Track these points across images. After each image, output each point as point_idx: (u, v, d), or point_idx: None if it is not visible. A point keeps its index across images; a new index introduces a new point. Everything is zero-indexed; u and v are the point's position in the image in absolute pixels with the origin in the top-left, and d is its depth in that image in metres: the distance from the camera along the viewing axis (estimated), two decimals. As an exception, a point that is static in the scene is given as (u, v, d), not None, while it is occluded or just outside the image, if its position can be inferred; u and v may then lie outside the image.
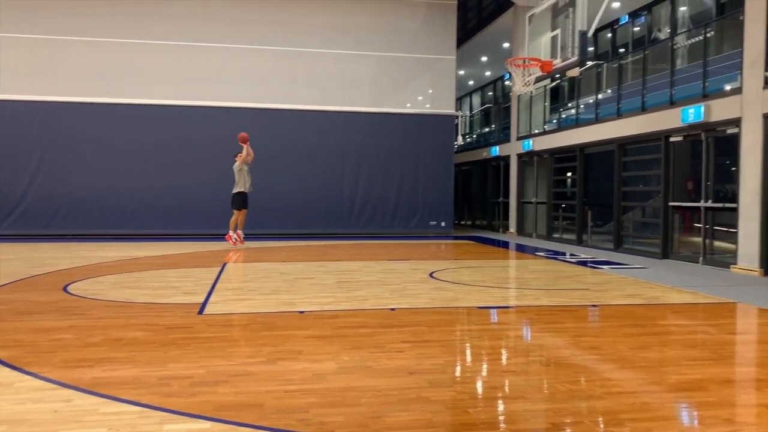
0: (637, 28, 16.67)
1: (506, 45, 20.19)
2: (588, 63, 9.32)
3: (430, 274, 9.27)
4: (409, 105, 17.97)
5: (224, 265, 10.32)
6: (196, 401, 3.55)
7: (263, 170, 16.92)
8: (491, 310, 6.59)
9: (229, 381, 3.94)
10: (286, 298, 7.09)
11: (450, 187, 18.03)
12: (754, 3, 9.56)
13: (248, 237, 13.86)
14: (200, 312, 6.23)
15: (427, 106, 18.11)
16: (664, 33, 15.33)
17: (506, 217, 19.10)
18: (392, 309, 6.47)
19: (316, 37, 17.25)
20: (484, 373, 4.31)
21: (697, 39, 11.66)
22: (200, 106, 16.64)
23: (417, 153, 17.67)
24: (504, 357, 4.77)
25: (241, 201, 12.99)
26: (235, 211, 13.06)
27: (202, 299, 6.94)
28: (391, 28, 17.70)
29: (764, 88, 9.31)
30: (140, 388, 3.78)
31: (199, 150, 16.58)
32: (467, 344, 5.17)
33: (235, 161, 13.10)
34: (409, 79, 18.01)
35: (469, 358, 4.77)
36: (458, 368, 4.42)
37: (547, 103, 17.20)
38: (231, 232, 13.04)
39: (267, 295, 7.35)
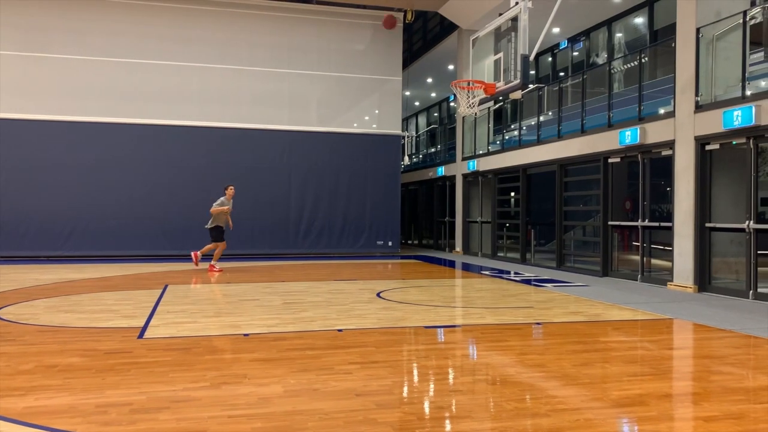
0: (576, 53, 17.29)
1: (451, 67, 20.60)
2: (530, 86, 9.58)
3: (378, 294, 9.26)
4: (356, 125, 18.05)
5: (166, 287, 10.04)
6: (136, 429, 3.41)
7: (207, 190, 16.68)
8: (438, 330, 6.61)
9: (171, 407, 3.81)
10: (230, 321, 6.94)
11: (397, 206, 18.14)
12: (684, 31, 10.05)
13: (189, 258, 13.55)
14: (140, 336, 6.03)
15: (374, 126, 18.23)
16: (601, 58, 15.95)
17: (452, 236, 19.32)
18: (340, 330, 6.42)
19: (263, 55, 17.18)
20: (432, 393, 4.31)
21: (632, 64, 12.16)
22: (142, 124, 16.30)
23: (364, 173, 17.74)
24: (451, 376, 4.78)
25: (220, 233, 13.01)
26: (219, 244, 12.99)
27: (142, 323, 6.72)
28: (338, 48, 17.80)
29: (695, 111, 9.76)
30: (76, 416, 3.61)
31: (140, 169, 16.20)
32: (415, 364, 5.17)
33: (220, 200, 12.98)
34: (357, 99, 18.11)
35: (416, 378, 4.76)
36: (406, 389, 4.41)
37: (491, 125, 17.57)
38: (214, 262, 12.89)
39: (210, 317, 7.18)
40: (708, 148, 9.66)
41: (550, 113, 14.66)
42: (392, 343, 5.86)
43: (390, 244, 17.94)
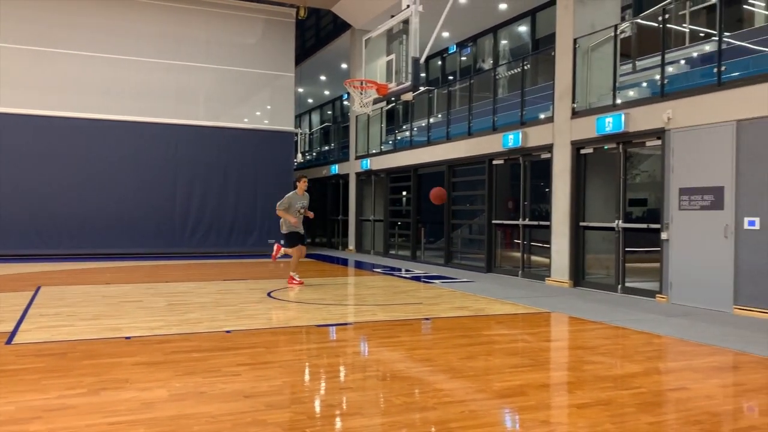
0: (464, 58, 17.89)
1: (344, 66, 20.66)
2: (420, 88, 9.83)
3: (269, 294, 9.13)
4: (246, 120, 17.67)
5: (38, 288, 9.37)
6: (2, 444, 3.16)
7: (87, 185, 15.75)
8: (330, 328, 6.63)
9: (43, 417, 3.56)
10: (110, 323, 6.58)
11: (289, 204, 17.94)
12: (563, 42, 10.67)
13: (67, 257, 12.72)
14: (8, 341, 5.59)
15: (266, 122, 17.94)
16: (488, 63, 16.60)
17: (345, 234, 19.41)
18: (228, 331, 6.27)
19: (148, 45, 16.41)
20: (323, 392, 4.31)
21: (516, 71, 12.76)
22: (18, 114, 15.06)
23: (255, 169, 17.39)
24: (342, 374, 4.81)
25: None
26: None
27: (11, 327, 6.23)
28: (228, 41, 17.34)
29: (572, 117, 10.40)
30: (-70, 433, 3.29)
31: (14, 161, 14.98)
32: (306, 363, 5.15)
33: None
34: (247, 93, 17.73)
35: (307, 377, 4.75)
36: (296, 388, 4.38)
37: (384, 125, 17.81)
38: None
39: (88, 320, 6.78)
40: (583, 152, 10.32)
41: (439, 115, 15.08)
42: (283, 343, 5.81)
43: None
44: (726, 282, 7.73)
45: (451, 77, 18.19)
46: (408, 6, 8.76)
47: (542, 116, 11.39)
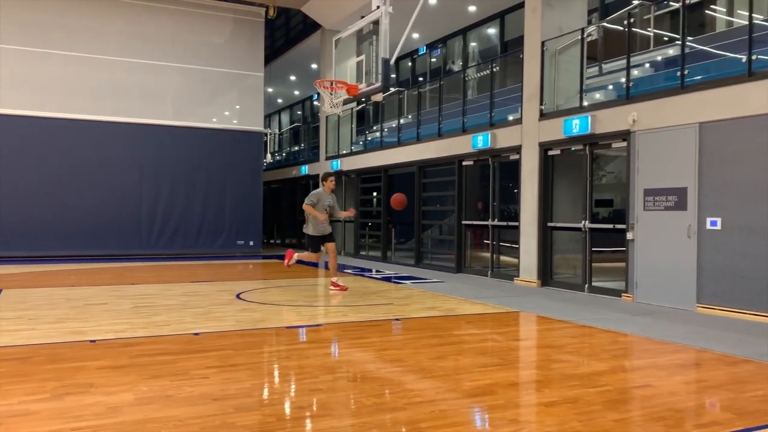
0: (434, 59, 17.98)
1: (314, 66, 20.60)
2: (391, 89, 9.87)
3: (237, 296, 9.05)
4: (215, 120, 17.49)
5: (-1, 291, 9.13)
6: (-40, 451, 3.07)
7: (49, 185, 15.44)
8: (300, 330, 6.59)
9: (4, 423, 3.47)
10: (74, 327, 6.45)
11: (259, 205, 17.82)
12: (531, 44, 10.80)
13: (30, 260, 12.40)
14: (-33, 347, 5.43)
15: (235, 122, 17.77)
16: (457, 65, 16.71)
17: (315, 235, 19.29)
18: (196, 333, 6.19)
19: (114, 43, 16.13)
20: (292, 394, 4.29)
21: (485, 73, 12.87)
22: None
23: (224, 170, 17.22)
24: (312, 375, 4.79)
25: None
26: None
27: (-31, 332, 6.06)
28: (196, 40, 17.14)
29: (540, 119, 10.52)
30: None
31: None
32: (275, 365, 5.11)
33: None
34: (216, 93, 17.55)
35: (277, 379, 4.72)
36: (266, 391, 4.35)
37: (354, 125, 17.80)
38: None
39: (51, 323, 6.63)
40: (550, 153, 10.45)
41: (410, 116, 15.13)
42: (252, 345, 5.75)
43: (251, 243, 17.58)
44: (689, 281, 7.91)
45: (421, 78, 18.26)
46: (378, 7, 8.77)
47: (511, 118, 11.51)
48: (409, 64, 18.99)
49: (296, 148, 23.25)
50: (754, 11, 7.48)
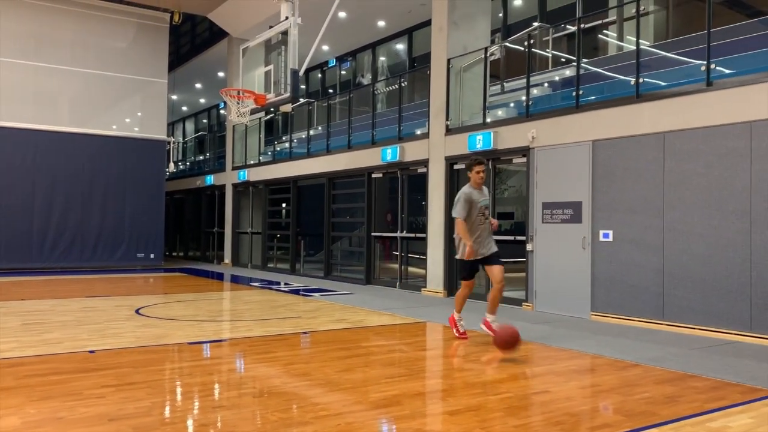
0: (344, 72, 18.08)
1: (221, 74, 20.18)
2: (300, 100, 9.83)
3: (137, 311, 8.66)
4: (115, 127, 16.74)
5: None
6: None
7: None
8: (203, 345, 6.40)
9: None
10: (-47, 347, 5.95)
11: (161, 216, 17.17)
12: (437, 61, 11.09)
13: None
14: None
15: (136, 129, 17.09)
16: (367, 78, 16.88)
17: (221, 247, 18.84)
18: (91, 351, 5.88)
19: (5, 44, 15.11)
20: (195, 411, 4.15)
21: (394, 87, 13.08)
22: None
23: (124, 179, 16.49)
24: (216, 392, 4.66)
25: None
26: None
27: None
28: (96, 44, 16.38)
29: (446, 134, 10.80)
30: None
31: None
32: (177, 383, 4.93)
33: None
34: (117, 99, 16.81)
35: (178, 397, 4.55)
36: (167, 409, 4.18)
37: (263, 135, 17.56)
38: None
39: (-74, 344, 6.08)
40: (456, 167, 10.75)
41: (319, 128, 15.11)
42: (152, 362, 5.52)
43: (152, 256, 16.90)
44: (584, 290, 8.34)
45: (331, 90, 18.31)
46: (287, 18, 8.73)
47: (419, 132, 11.75)
48: (319, 75, 19.00)
49: (201, 158, 22.64)
50: (641, 37, 8.05)
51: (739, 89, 6.85)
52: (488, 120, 10.13)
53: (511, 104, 10.33)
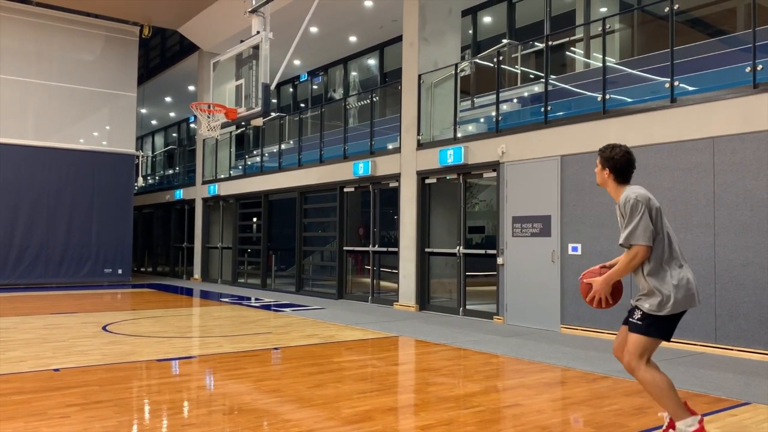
0: (315, 86, 18.11)
1: (192, 88, 20.04)
2: (271, 114, 9.80)
3: (104, 328, 8.49)
4: (82, 141, 16.46)
5: None
6: None
7: None
8: (172, 362, 6.29)
9: None
10: None
11: (128, 231, 16.88)
12: (408, 77, 11.18)
13: None
14: None
15: (104, 143, 16.83)
16: (338, 93, 16.93)
17: (190, 262, 18.60)
18: (56, 369, 5.73)
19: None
20: (164, 430, 4.07)
21: (365, 102, 13.14)
22: None
23: (90, 193, 16.20)
24: (185, 410, 4.58)
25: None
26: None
27: None
28: (62, 56, 16.13)
29: (417, 149, 10.87)
30: None
31: None
32: (145, 401, 4.83)
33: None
34: (84, 113, 16.54)
35: (147, 415, 4.46)
36: (134, 428, 4.10)
37: (233, 149, 17.45)
38: None
39: None
40: (427, 181, 10.81)
41: (291, 142, 15.08)
42: (119, 380, 5.41)
43: (120, 272, 16.59)
44: (554, 303, 8.42)
45: (302, 104, 18.31)
46: (258, 32, 8.72)
47: (390, 146, 11.79)
48: (291, 89, 18.99)
49: (171, 172, 22.38)
50: (607, 55, 8.23)
51: (702, 105, 7.04)
52: (459, 135, 10.22)
53: (482, 119, 10.45)
